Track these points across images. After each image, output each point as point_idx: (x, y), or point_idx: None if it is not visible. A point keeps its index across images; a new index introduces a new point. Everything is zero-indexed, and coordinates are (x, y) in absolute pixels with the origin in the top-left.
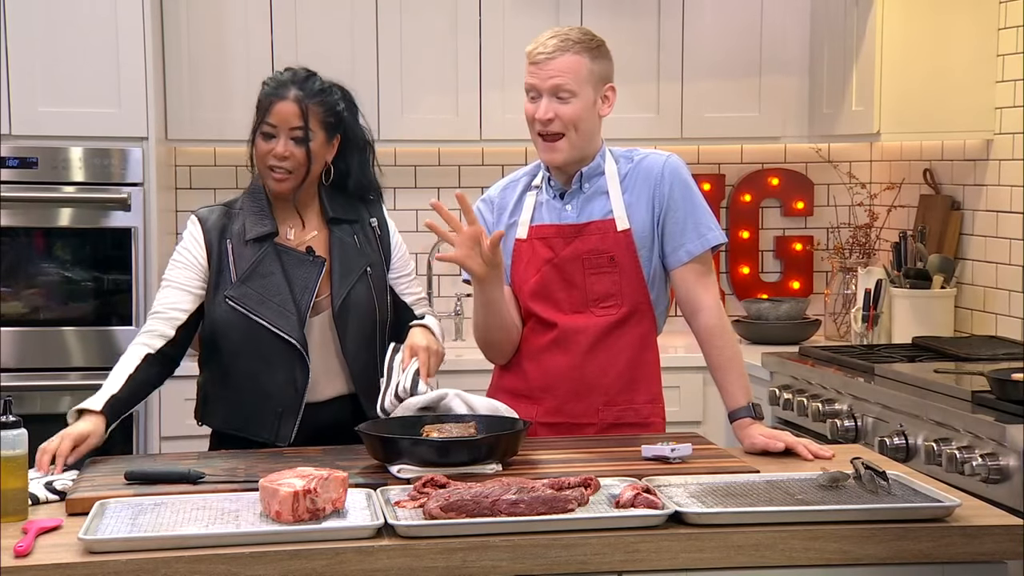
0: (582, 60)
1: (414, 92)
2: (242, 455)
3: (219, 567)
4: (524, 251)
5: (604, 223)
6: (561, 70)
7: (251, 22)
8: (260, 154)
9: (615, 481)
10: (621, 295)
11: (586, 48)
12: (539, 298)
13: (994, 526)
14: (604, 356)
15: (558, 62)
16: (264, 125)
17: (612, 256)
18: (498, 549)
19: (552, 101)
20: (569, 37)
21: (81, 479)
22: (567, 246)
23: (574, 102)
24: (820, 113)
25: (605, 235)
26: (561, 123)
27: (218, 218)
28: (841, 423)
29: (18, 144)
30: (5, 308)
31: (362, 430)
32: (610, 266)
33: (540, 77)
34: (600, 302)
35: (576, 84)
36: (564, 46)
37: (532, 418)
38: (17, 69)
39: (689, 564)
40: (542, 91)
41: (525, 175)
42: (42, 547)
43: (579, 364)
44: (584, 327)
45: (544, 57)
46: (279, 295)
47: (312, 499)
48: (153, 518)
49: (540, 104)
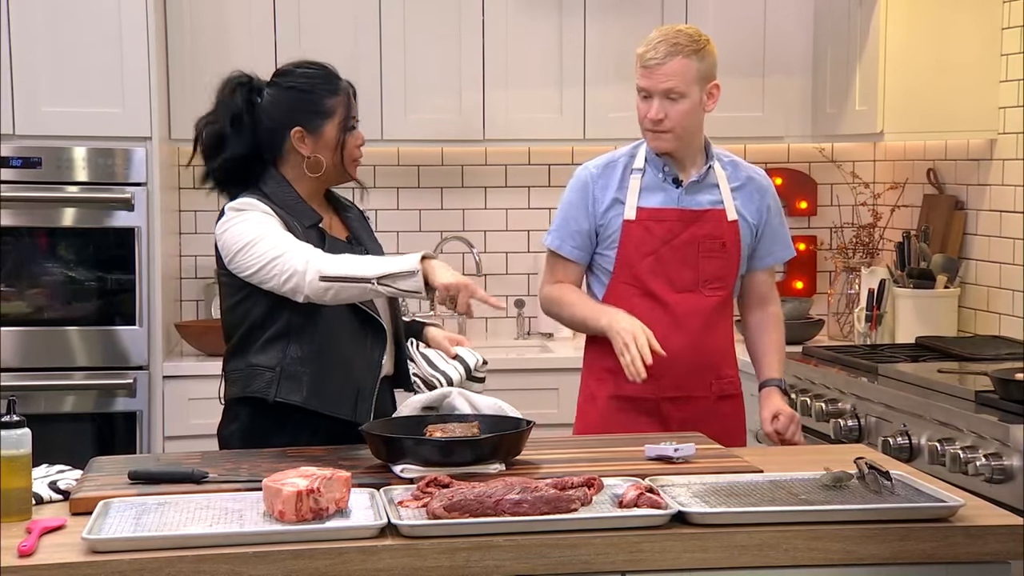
0: (691, 63)
1: (417, 92)
2: (245, 455)
3: (223, 567)
4: (635, 232)
5: (718, 212)
6: (672, 74)
7: (254, 22)
8: (352, 146)
9: (618, 481)
10: (726, 278)
11: (694, 51)
12: (656, 276)
13: (998, 526)
14: (714, 334)
15: (669, 66)
16: (352, 119)
17: (724, 242)
18: (501, 549)
19: (664, 102)
20: (679, 41)
21: (85, 479)
22: (685, 229)
23: (683, 102)
24: (824, 113)
25: (720, 223)
26: (671, 121)
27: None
28: (845, 423)
29: (22, 144)
30: (9, 308)
31: (365, 430)
32: (721, 251)
33: (652, 80)
34: (709, 283)
35: (685, 86)
36: (674, 51)
37: (655, 394)
38: (21, 69)
39: (692, 564)
40: (654, 93)
41: (624, 155)
42: (46, 546)
43: (695, 343)
44: (696, 307)
45: (656, 62)
46: None
47: (315, 499)
48: (157, 518)
49: (652, 104)
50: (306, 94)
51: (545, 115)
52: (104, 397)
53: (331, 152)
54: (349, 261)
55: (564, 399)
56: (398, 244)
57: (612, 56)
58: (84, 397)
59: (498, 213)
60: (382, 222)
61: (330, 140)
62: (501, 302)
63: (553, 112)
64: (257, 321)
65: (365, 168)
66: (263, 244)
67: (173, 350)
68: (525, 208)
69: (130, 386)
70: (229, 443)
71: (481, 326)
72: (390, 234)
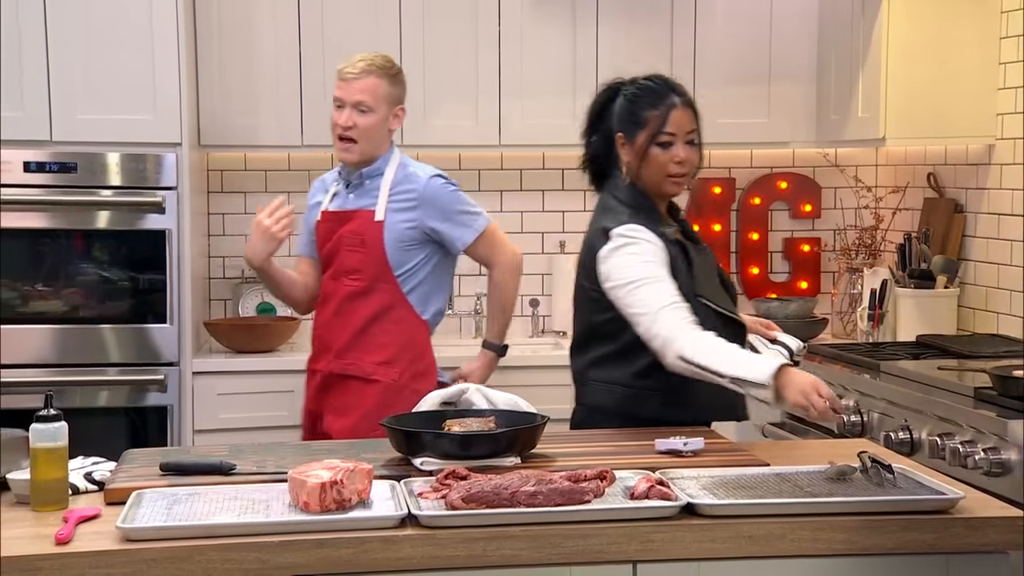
0: (383, 83)
1: (436, 99)
2: (271, 448)
3: (250, 555)
4: (320, 229)
5: (367, 212)
6: (365, 88)
7: (280, 34)
8: (663, 160)
9: (630, 474)
10: (365, 271)
11: (387, 74)
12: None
13: (996, 518)
14: (342, 319)
15: (364, 81)
16: (665, 135)
17: (364, 239)
18: (517, 539)
19: (354, 112)
20: (376, 63)
21: (119, 470)
22: (340, 227)
23: (371, 116)
24: (827, 119)
25: (365, 222)
26: (358, 131)
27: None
28: (848, 418)
29: (59, 150)
30: (46, 306)
31: (386, 424)
32: (361, 247)
33: (347, 91)
34: (348, 274)
35: (375, 101)
36: (370, 70)
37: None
38: (58, 80)
39: (701, 554)
40: (347, 103)
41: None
42: (82, 535)
43: (325, 324)
44: (333, 293)
45: (353, 76)
46: (716, 284)
47: (339, 490)
48: (187, 507)
49: (344, 113)
50: (631, 104)
51: (559, 121)
52: (136, 392)
53: (640, 161)
54: (711, 350)
55: None
56: None
57: (623, 64)
58: (117, 392)
59: (513, 215)
60: None
61: (640, 149)
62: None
63: (566, 118)
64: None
65: None
66: (642, 292)
67: (202, 347)
68: (539, 211)
69: (161, 382)
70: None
71: None
72: None
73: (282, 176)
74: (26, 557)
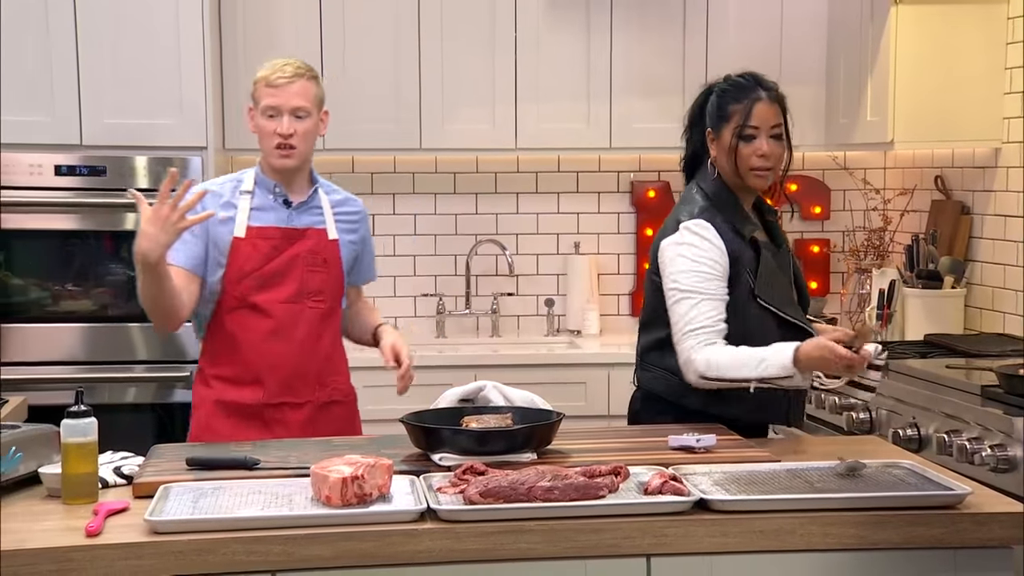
0: (312, 86)
1: (454, 104)
2: (295, 444)
3: (275, 547)
4: (244, 247)
5: (319, 231)
6: (300, 92)
7: (302, 41)
8: (747, 154)
9: (643, 469)
10: (327, 292)
11: (313, 77)
12: (261, 289)
13: (1002, 513)
14: (318, 343)
15: (297, 85)
16: (749, 127)
17: (325, 258)
18: (534, 532)
19: (292, 119)
20: (301, 66)
21: (146, 464)
22: (290, 246)
23: (308, 121)
24: (837, 123)
25: (321, 240)
26: (298, 138)
27: (721, 221)
28: (857, 415)
29: (89, 154)
30: (76, 306)
31: (406, 420)
32: (323, 266)
33: (282, 98)
34: (313, 295)
35: (310, 106)
36: (300, 73)
37: (258, 400)
38: (87, 85)
39: (714, 548)
40: (283, 110)
41: (233, 180)
42: (111, 527)
43: (298, 351)
44: (299, 317)
45: (285, 81)
46: (786, 288)
47: (360, 485)
48: (213, 501)
49: (282, 121)
50: (719, 99)
51: (573, 125)
52: (163, 389)
53: (725, 155)
54: (727, 362)
55: (592, 392)
56: (435, 245)
57: (636, 70)
58: (145, 389)
59: (529, 217)
60: (421, 225)
61: (725, 143)
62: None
63: (581, 122)
64: None
65: (403, 175)
66: (682, 307)
67: None
68: (555, 212)
69: (187, 379)
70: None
71: (513, 324)
72: (428, 237)
73: None
74: (58, 549)
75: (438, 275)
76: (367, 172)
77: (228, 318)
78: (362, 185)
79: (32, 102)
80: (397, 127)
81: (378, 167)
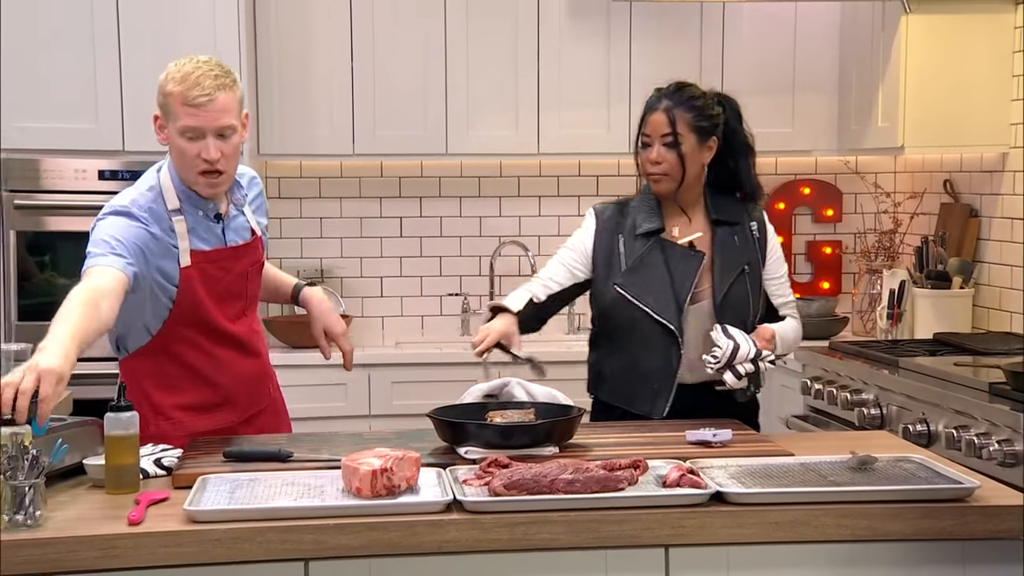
0: (234, 95)
1: (478, 111)
2: (326, 437)
3: (307, 536)
4: (193, 275)
5: (252, 241)
6: (225, 109)
7: (334, 52)
8: (641, 161)
9: (662, 463)
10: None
11: (233, 82)
12: (218, 311)
13: (1011, 506)
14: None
15: (221, 101)
16: (642, 136)
17: (260, 260)
18: (556, 523)
19: (218, 141)
20: (219, 74)
21: (185, 457)
22: (237, 263)
23: (235, 137)
24: (848, 128)
25: (256, 245)
26: (225, 162)
27: (612, 214)
28: (868, 411)
29: (131, 159)
30: None
31: (432, 415)
32: (259, 268)
33: (206, 119)
34: (252, 305)
35: (236, 120)
36: (219, 84)
37: (232, 421)
38: (130, 94)
39: (730, 539)
40: (208, 132)
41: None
42: (152, 516)
43: (263, 359)
44: (251, 329)
45: (206, 98)
46: (661, 285)
47: (389, 477)
48: (248, 492)
49: (207, 144)
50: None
51: (594, 131)
52: None
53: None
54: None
55: None
56: (460, 247)
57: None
58: None
59: (551, 220)
60: (447, 227)
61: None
62: None
63: (601, 128)
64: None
65: (430, 180)
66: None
67: None
68: (575, 215)
69: None
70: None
71: None
72: (453, 239)
73: (335, 182)
74: (102, 536)
75: (463, 275)
76: (395, 176)
77: (183, 347)
78: (391, 189)
79: (78, 110)
80: (424, 133)
81: (406, 172)
